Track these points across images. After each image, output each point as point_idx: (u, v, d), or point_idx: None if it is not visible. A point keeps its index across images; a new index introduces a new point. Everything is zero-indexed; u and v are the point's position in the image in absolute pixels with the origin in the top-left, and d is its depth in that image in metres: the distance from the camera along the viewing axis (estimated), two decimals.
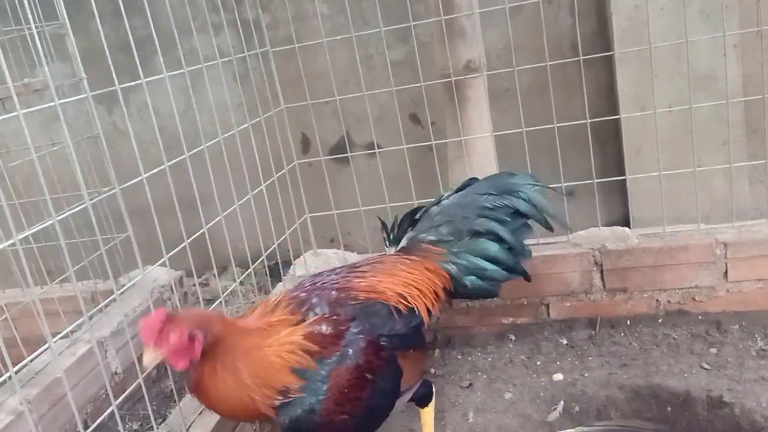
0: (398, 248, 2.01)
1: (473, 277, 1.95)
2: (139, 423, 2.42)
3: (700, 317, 2.34)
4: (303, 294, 1.70)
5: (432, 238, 1.97)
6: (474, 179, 2.11)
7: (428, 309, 1.84)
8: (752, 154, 2.84)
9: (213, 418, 1.73)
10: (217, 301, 2.26)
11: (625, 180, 3.01)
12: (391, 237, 2.04)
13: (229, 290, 2.45)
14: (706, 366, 2.13)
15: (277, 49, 2.58)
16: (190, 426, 1.68)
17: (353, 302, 1.68)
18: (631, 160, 2.90)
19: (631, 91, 2.86)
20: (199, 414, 1.73)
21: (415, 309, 1.80)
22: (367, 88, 2.60)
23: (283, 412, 1.51)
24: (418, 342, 1.84)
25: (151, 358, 1.40)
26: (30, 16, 1.49)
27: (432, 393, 1.96)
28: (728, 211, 2.42)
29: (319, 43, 2.50)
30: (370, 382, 1.60)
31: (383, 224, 2.08)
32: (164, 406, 2.51)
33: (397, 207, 2.63)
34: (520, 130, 2.38)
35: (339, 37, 2.54)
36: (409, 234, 2.02)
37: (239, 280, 2.48)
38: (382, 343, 1.65)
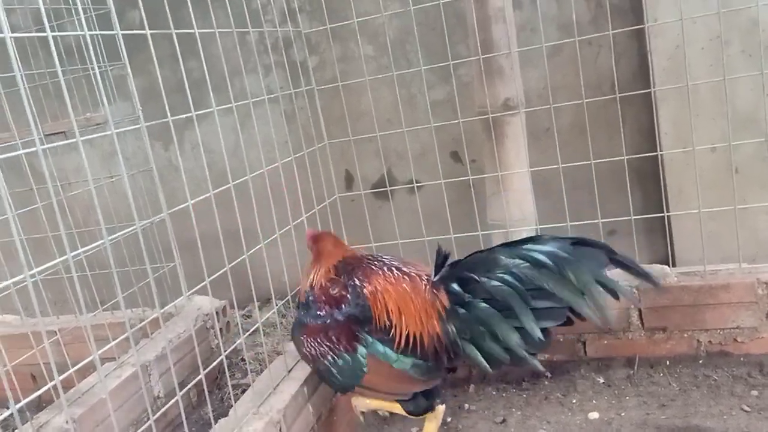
0: (434, 278, 1.96)
1: (470, 347, 1.87)
2: None
3: (741, 359, 2.29)
4: (353, 260, 2.11)
5: (451, 288, 1.90)
6: (536, 237, 1.88)
7: (408, 342, 1.92)
8: None
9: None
10: (249, 330, 2.32)
11: (667, 221, 2.98)
12: (437, 263, 1.98)
13: (261, 320, 2.51)
14: (746, 408, 2.07)
15: (323, 87, 2.70)
16: None
17: (359, 289, 2.01)
18: (674, 199, 2.87)
19: (672, 130, 2.86)
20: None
21: (392, 332, 1.93)
22: (409, 126, 2.68)
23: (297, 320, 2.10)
24: (406, 366, 1.93)
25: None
26: (93, 57, 1.62)
27: (419, 410, 2.05)
28: None
29: (363, 83, 2.60)
30: (331, 349, 1.97)
31: (439, 250, 1.99)
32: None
33: (434, 240, 2.69)
34: (556, 166, 2.41)
35: (381, 76, 2.64)
36: (444, 272, 1.95)
37: (266, 310, 2.54)
38: (358, 334, 1.95)
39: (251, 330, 2.29)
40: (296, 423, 2.04)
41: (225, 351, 1.92)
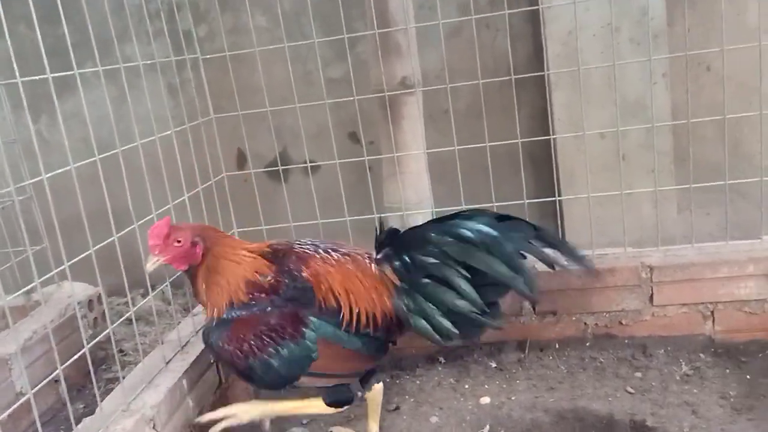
0: (376, 257, 1.93)
1: (423, 322, 1.86)
2: None
3: (626, 341, 2.34)
4: (281, 246, 1.93)
5: (397, 264, 1.88)
6: (462, 212, 1.90)
7: (359, 323, 1.85)
8: (681, 182, 2.90)
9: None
10: (120, 319, 2.13)
11: (559, 205, 3.03)
12: (377, 241, 1.96)
13: (137, 307, 2.33)
14: (630, 390, 2.12)
15: (208, 56, 2.51)
16: None
17: (296, 273, 1.86)
18: (565, 184, 2.91)
19: (564, 115, 2.89)
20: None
21: (341, 313, 1.84)
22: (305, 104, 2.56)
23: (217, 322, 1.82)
24: (351, 344, 1.86)
25: (153, 264, 1.75)
26: None
27: (343, 400, 1.94)
28: (657, 237, 2.46)
29: (256, 56, 2.44)
30: (274, 340, 1.78)
31: (381, 226, 1.98)
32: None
33: (329, 224, 2.59)
34: (453, 148, 2.36)
35: (272, 47, 2.49)
36: (387, 250, 1.92)
37: (149, 295, 2.36)
38: (305, 320, 1.81)
39: (121, 320, 2.09)
40: (173, 419, 1.88)
41: (90, 343, 1.73)
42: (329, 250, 1.95)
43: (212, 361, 2.18)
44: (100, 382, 2.65)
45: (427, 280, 1.84)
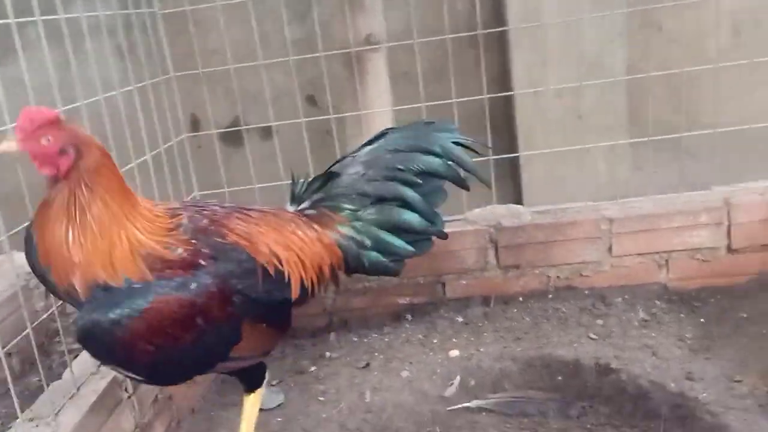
0: (298, 208, 1.77)
1: (374, 254, 1.74)
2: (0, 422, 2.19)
3: (586, 292, 2.42)
4: (182, 211, 1.53)
5: (333, 203, 1.75)
6: (388, 130, 1.88)
7: (304, 284, 1.64)
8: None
9: (86, 401, 1.58)
10: None
11: (517, 167, 3.08)
12: (295, 194, 1.79)
13: None
14: (593, 336, 2.20)
15: (166, 11, 2.43)
16: (60, 410, 1.52)
17: (219, 239, 1.50)
18: (524, 143, 2.97)
19: (524, 74, 2.93)
20: (71, 398, 1.58)
21: (286, 278, 1.59)
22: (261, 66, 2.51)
23: (86, 308, 1.35)
24: (279, 318, 1.64)
25: (9, 147, 1.34)
26: None
27: (263, 380, 1.73)
28: (611, 195, 2.54)
29: (214, 19, 2.38)
30: (197, 328, 1.42)
31: (293, 180, 1.82)
32: (30, 403, 2.29)
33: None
34: (420, 105, 2.37)
35: (235, 0, 2.43)
36: (315, 196, 1.77)
37: None
38: (234, 298, 1.47)
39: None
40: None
41: (41, 317, 1.66)
42: (244, 211, 1.63)
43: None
44: (55, 355, 2.58)
45: (370, 207, 1.74)
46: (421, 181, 1.75)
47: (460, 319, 2.43)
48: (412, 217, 1.75)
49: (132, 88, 2.21)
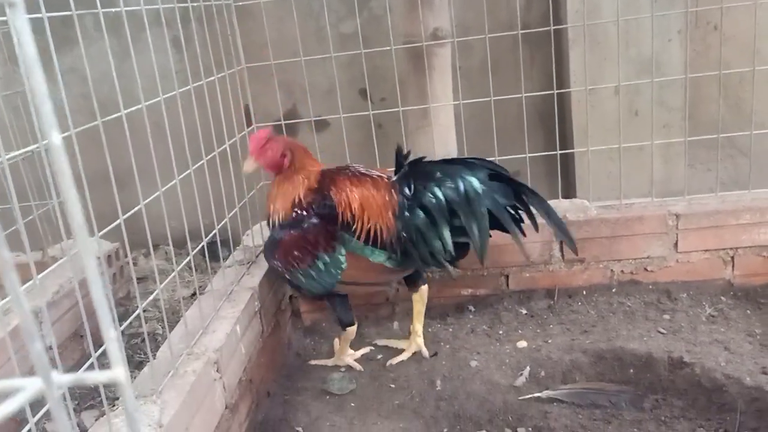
0: (394, 178, 2.12)
1: (410, 244, 2.06)
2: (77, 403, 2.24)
3: (650, 286, 2.44)
4: (329, 171, 2.16)
5: (404, 187, 2.08)
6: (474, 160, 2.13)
7: (369, 232, 2.06)
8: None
9: (186, 381, 1.61)
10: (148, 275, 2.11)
11: (569, 164, 3.10)
12: (396, 166, 2.15)
13: (183, 264, 2.29)
14: (662, 330, 2.22)
15: (240, 3, 2.46)
16: (161, 389, 1.55)
17: (327, 193, 2.09)
18: (579, 140, 2.99)
19: (581, 72, 2.95)
20: (170, 376, 1.61)
21: (355, 224, 2.07)
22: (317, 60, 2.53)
23: (274, 231, 2.14)
24: (381, 258, 2.09)
25: (251, 165, 2.09)
26: None
27: (349, 323, 2.22)
28: (665, 193, 2.55)
29: (269, 12, 2.39)
30: (311, 256, 2.06)
31: (398, 150, 2.14)
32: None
33: None
34: (488, 99, 2.39)
35: None
36: (401, 173, 2.11)
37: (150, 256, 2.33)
38: (335, 234, 2.06)
39: (173, 275, 2.05)
40: (231, 363, 1.89)
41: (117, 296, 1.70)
42: (358, 173, 2.15)
43: (257, 310, 2.18)
44: (123, 338, 2.62)
45: (420, 212, 2.04)
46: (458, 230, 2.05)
47: (524, 311, 2.45)
48: (437, 245, 2.06)
49: (203, 82, 2.22)
